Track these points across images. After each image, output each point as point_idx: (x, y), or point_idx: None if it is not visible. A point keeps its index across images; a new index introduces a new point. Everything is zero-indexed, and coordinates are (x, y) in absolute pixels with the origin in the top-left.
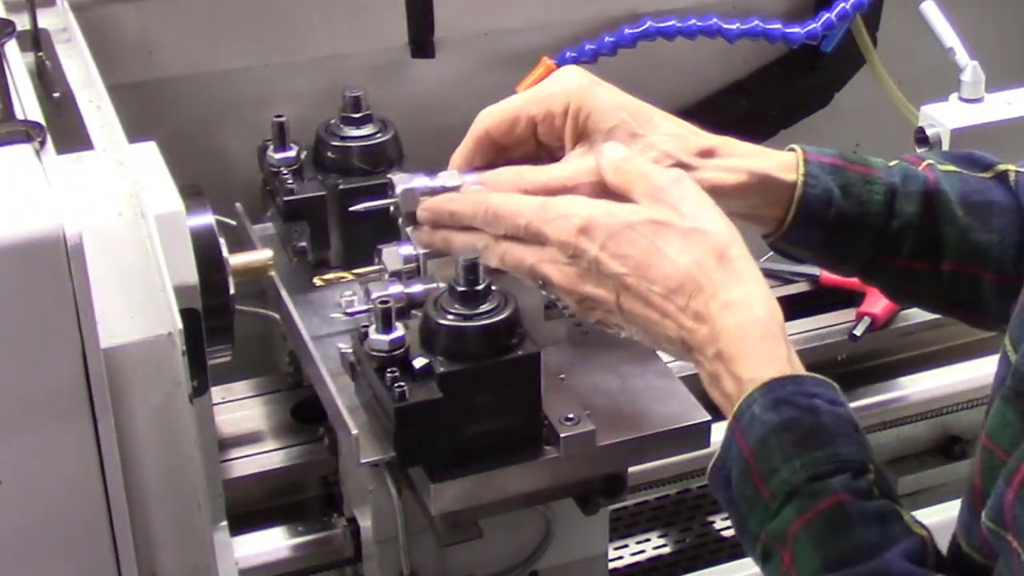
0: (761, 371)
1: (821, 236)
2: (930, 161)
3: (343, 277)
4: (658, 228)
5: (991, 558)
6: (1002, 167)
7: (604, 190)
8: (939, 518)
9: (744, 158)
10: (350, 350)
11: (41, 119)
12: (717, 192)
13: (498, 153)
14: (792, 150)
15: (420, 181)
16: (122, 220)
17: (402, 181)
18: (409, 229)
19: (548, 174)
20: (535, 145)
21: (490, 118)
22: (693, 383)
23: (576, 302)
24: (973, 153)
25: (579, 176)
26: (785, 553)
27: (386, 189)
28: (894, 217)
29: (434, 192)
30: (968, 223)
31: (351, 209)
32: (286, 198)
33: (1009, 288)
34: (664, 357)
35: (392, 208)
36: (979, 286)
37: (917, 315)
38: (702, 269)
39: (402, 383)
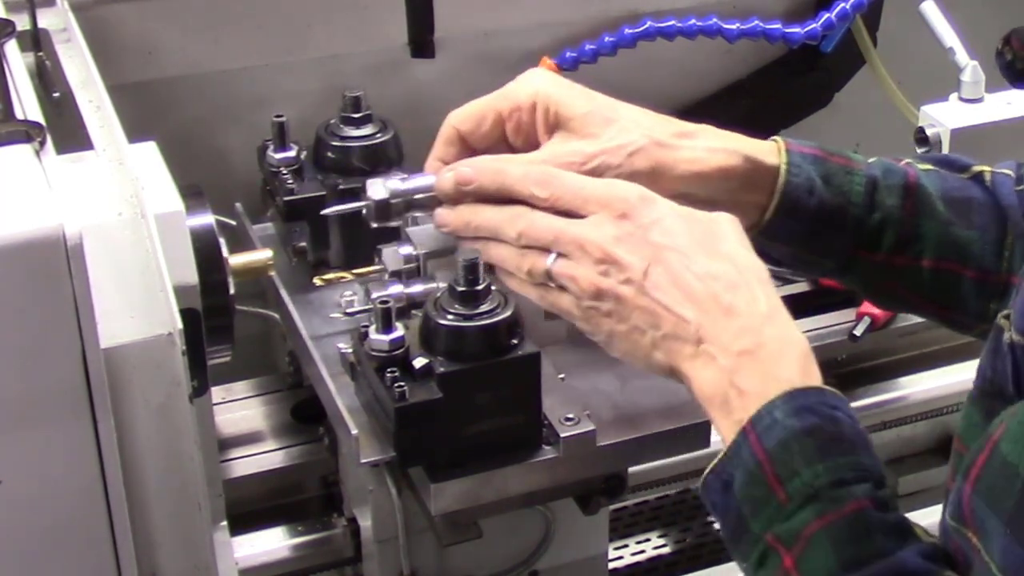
0: (798, 379)
1: (802, 228)
2: (908, 160)
3: (343, 277)
4: (716, 229)
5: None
6: (977, 168)
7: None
8: (939, 518)
9: (726, 140)
10: (350, 350)
11: (41, 119)
12: (699, 175)
13: (469, 154)
14: (773, 140)
15: (393, 184)
16: (122, 220)
17: (375, 185)
18: (437, 210)
19: (528, 158)
20: (506, 148)
21: (457, 116)
22: None
23: (592, 272)
24: (948, 155)
25: (557, 159)
26: (788, 556)
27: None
28: (875, 209)
29: (408, 194)
30: (949, 218)
31: (323, 213)
32: (286, 198)
33: (988, 286)
34: None
35: (364, 211)
36: (959, 283)
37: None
38: (747, 278)
39: (402, 383)
